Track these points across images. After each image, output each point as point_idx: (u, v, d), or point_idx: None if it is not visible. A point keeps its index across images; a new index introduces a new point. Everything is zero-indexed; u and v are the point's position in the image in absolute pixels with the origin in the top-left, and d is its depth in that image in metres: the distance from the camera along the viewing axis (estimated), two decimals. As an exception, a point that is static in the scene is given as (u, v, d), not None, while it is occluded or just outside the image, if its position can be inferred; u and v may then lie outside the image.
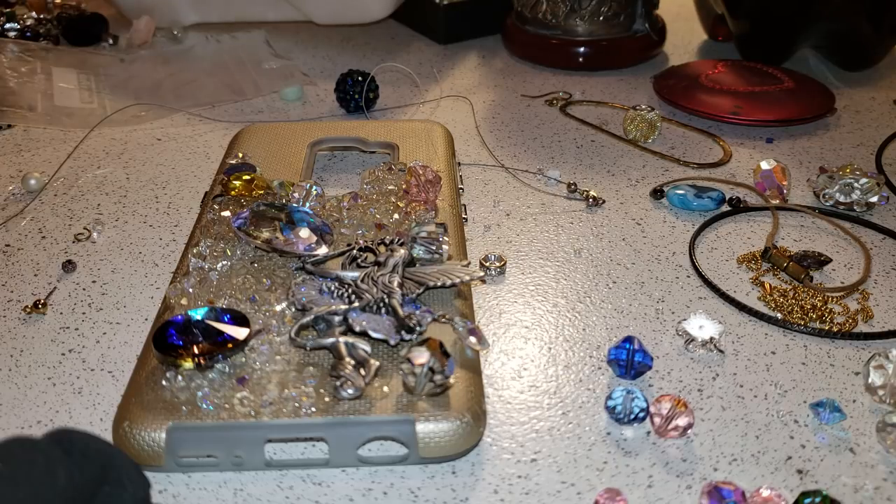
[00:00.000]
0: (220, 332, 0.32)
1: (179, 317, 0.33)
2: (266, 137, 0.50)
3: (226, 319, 0.33)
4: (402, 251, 0.37)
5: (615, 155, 0.54)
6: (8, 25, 0.68)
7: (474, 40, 0.73)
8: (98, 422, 0.33)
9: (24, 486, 0.23)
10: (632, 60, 0.67)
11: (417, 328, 0.33)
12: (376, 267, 0.36)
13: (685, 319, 0.37)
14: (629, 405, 0.32)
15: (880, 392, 0.33)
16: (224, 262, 0.37)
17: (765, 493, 0.29)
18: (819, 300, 0.39)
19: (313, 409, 0.30)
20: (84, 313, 0.39)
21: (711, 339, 0.36)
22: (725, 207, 0.47)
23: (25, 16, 0.70)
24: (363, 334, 0.32)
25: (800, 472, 0.31)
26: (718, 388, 0.34)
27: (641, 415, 0.32)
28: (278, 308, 0.34)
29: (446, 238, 0.38)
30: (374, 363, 0.31)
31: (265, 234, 0.38)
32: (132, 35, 0.68)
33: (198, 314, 0.33)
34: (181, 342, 0.32)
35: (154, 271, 0.42)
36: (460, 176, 0.48)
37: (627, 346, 0.34)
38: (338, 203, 0.41)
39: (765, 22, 0.63)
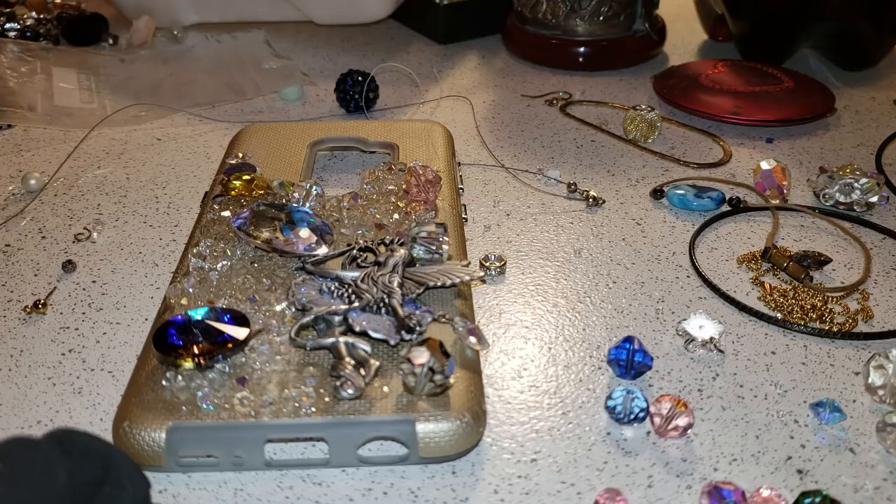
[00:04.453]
0: (220, 332, 0.32)
1: (179, 317, 0.33)
2: (266, 137, 0.50)
3: (226, 319, 0.33)
4: (402, 251, 0.37)
5: (615, 155, 0.54)
6: (8, 25, 0.68)
7: (474, 40, 0.73)
8: (98, 422, 0.33)
9: (24, 486, 0.23)
10: (632, 60, 0.67)
11: (417, 328, 0.33)
12: (376, 267, 0.36)
13: (685, 319, 0.37)
14: (629, 405, 0.32)
15: (880, 392, 0.33)
16: (224, 262, 0.37)
17: (765, 493, 0.29)
18: (819, 300, 0.39)
19: (313, 409, 0.30)
20: (84, 313, 0.39)
21: (711, 339, 0.36)
22: (725, 207, 0.47)
23: (25, 16, 0.70)
24: (363, 334, 0.32)
25: (800, 472, 0.31)
26: (718, 388, 0.34)
27: (641, 415, 0.32)
28: (278, 308, 0.34)
29: (446, 238, 0.38)
30: (374, 363, 0.31)
31: (265, 234, 0.38)
32: (132, 35, 0.68)
33: (198, 314, 0.33)
34: (181, 342, 0.32)
35: (154, 271, 0.42)
36: (460, 176, 0.48)
37: (627, 346, 0.34)
38: (338, 203, 0.41)
39: (765, 22, 0.63)
